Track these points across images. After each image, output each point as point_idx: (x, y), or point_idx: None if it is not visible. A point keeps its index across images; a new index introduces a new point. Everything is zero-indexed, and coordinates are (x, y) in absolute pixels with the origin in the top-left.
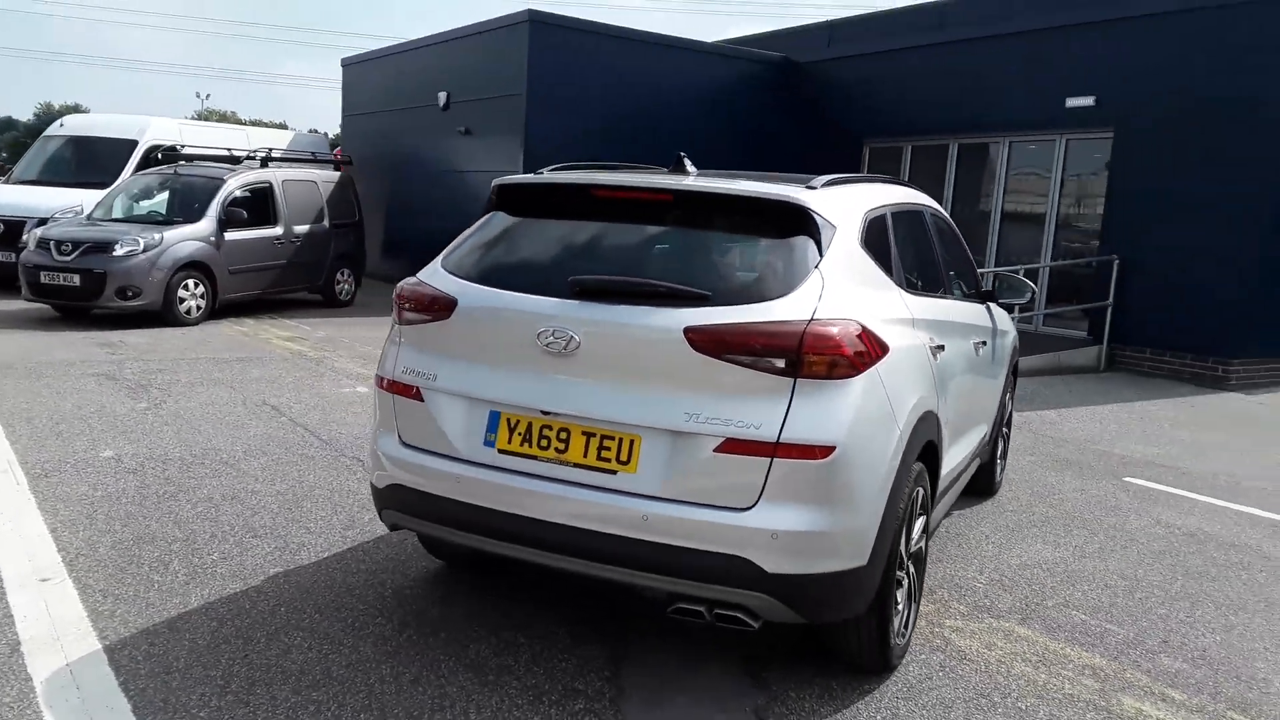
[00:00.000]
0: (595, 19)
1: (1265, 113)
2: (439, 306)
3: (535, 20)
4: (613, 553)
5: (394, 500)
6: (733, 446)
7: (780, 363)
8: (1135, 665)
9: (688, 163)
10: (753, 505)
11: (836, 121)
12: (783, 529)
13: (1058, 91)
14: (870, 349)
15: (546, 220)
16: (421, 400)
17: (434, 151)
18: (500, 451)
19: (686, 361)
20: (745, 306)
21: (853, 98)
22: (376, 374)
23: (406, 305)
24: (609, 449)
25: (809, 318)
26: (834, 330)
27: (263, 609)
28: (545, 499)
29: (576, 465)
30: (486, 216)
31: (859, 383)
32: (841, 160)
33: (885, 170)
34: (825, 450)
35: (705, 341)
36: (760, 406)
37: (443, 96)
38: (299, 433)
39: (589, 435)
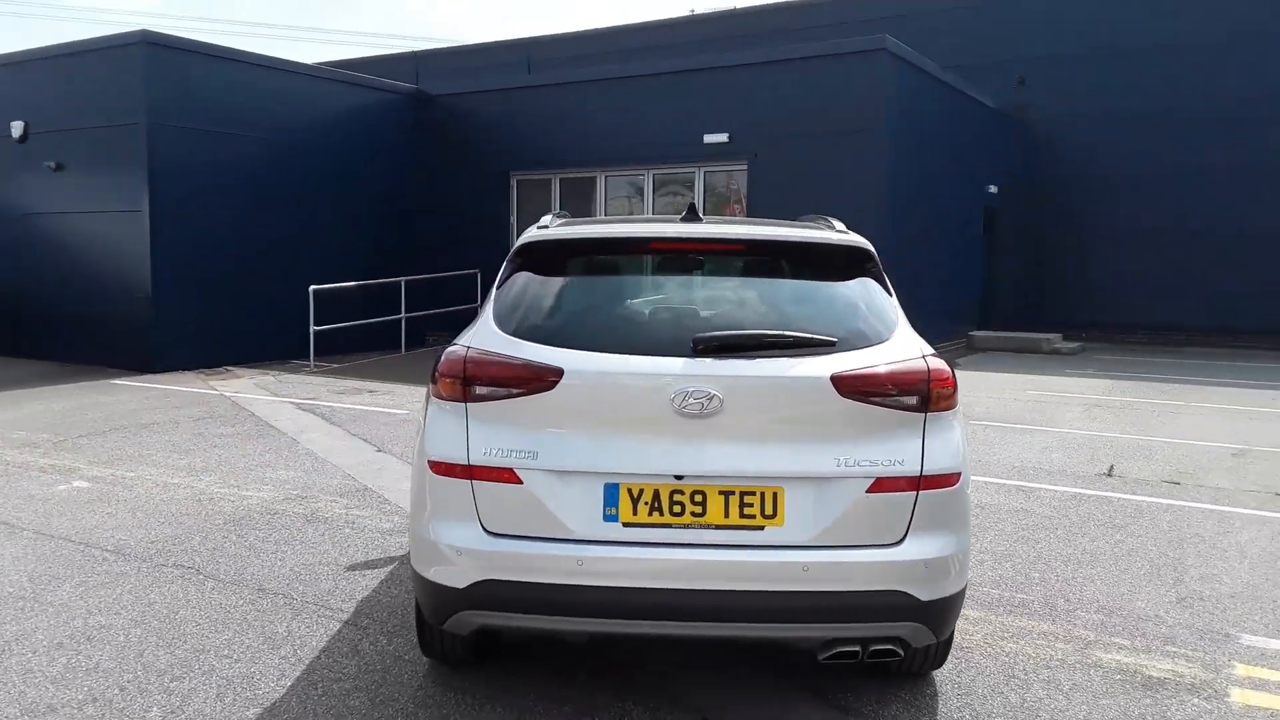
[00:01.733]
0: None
1: (868, 140)
2: (540, 377)
3: (151, 42)
4: (770, 609)
5: (483, 599)
6: (883, 485)
7: (913, 400)
8: (1077, 625)
9: (700, 212)
10: (902, 539)
11: (481, 154)
12: (931, 557)
13: (697, 128)
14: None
15: (608, 276)
16: (520, 483)
17: (8, 191)
18: (625, 525)
19: (833, 408)
20: (869, 350)
21: (496, 132)
22: (429, 460)
23: (485, 380)
24: (751, 505)
25: (921, 354)
26: (944, 366)
27: None
28: (687, 566)
29: (719, 527)
30: (520, 275)
31: (959, 411)
32: (490, 193)
33: (536, 202)
34: (954, 478)
35: (851, 386)
36: (901, 444)
37: (18, 127)
38: (61, 546)
39: (727, 495)
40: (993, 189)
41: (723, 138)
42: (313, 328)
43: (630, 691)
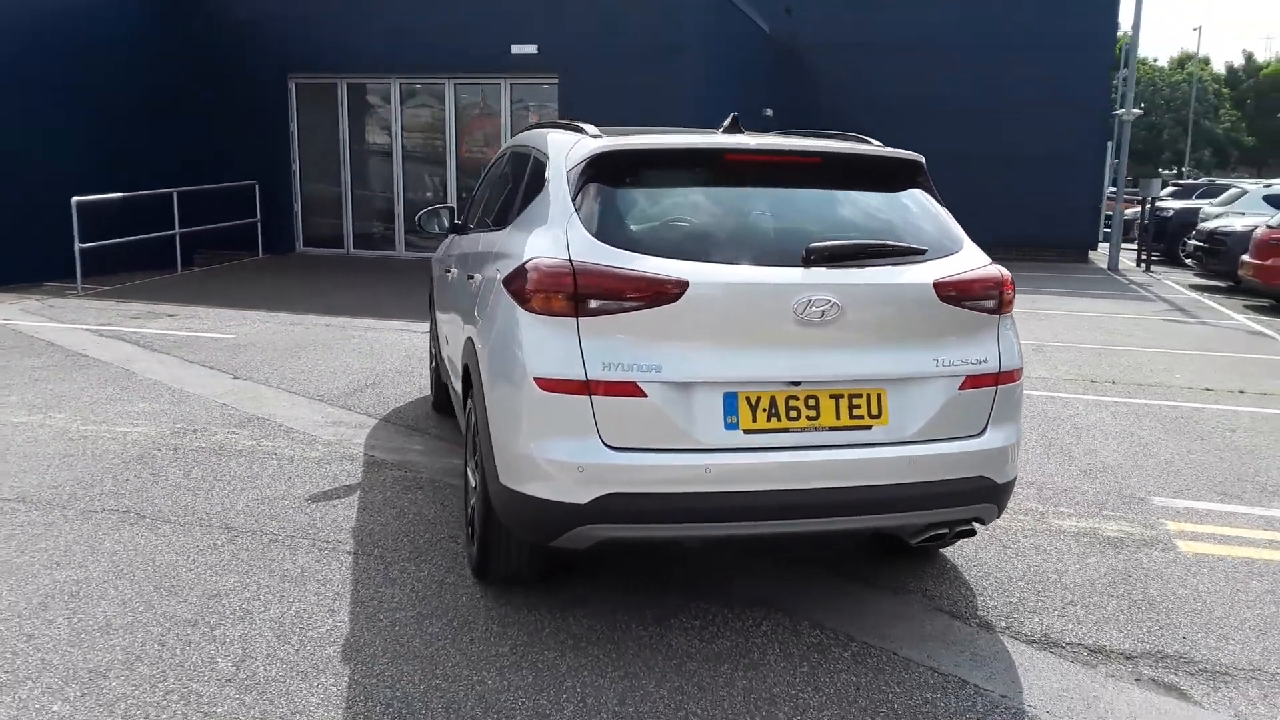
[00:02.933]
0: None
1: (683, 61)
2: (663, 290)
3: None
4: (881, 500)
5: (607, 512)
6: (972, 382)
7: (991, 303)
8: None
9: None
10: (984, 430)
11: (254, 53)
12: (1006, 444)
13: (504, 36)
14: None
15: (691, 188)
16: (644, 396)
17: None
18: (746, 432)
19: (934, 312)
20: (952, 258)
21: (271, 27)
22: (535, 377)
23: (600, 294)
24: (859, 406)
25: (989, 260)
26: (1006, 272)
27: None
28: (805, 468)
29: (831, 429)
30: (596, 185)
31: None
32: (266, 98)
33: (322, 108)
34: (1019, 373)
35: (950, 292)
36: (983, 344)
37: None
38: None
39: (837, 398)
40: (769, 112)
41: (531, 49)
42: (78, 245)
43: (701, 593)
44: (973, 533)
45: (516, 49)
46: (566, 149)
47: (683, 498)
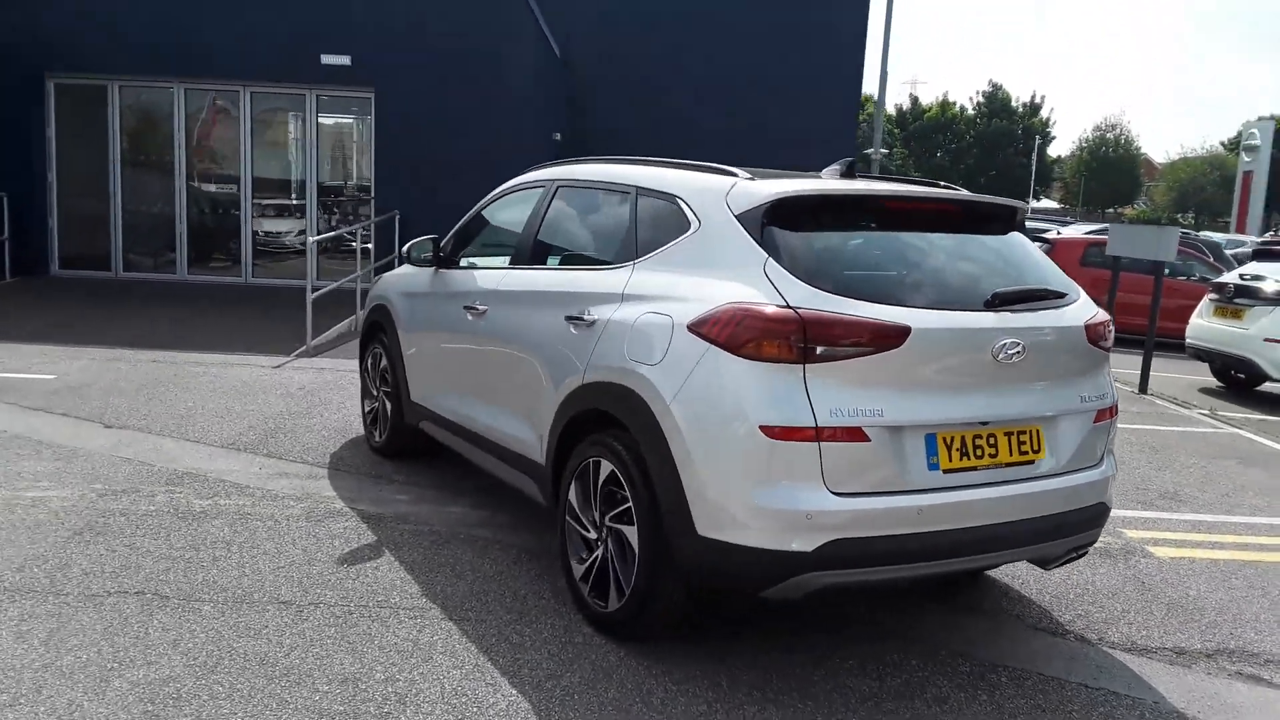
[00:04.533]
0: None
1: (507, 84)
2: (886, 336)
3: None
4: (1047, 529)
5: (832, 559)
6: (1101, 416)
7: (1107, 344)
8: None
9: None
10: (1101, 459)
11: (4, 49)
12: (1113, 473)
13: (311, 46)
14: None
15: (867, 233)
16: (868, 440)
17: None
18: (945, 472)
19: (1082, 351)
20: (1080, 302)
21: (21, 19)
22: (760, 425)
23: (828, 340)
24: (1025, 442)
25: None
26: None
27: None
28: (995, 504)
29: (1007, 465)
30: (782, 230)
31: None
32: (17, 101)
33: (89, 114)
34: (1117, 407)
35: (1093, 333)
36: (1103, 381)
37: None
38: None
39: (1009, 435)
40: (557, 136)
41: (344, 60)
42: None
43: (845, 635)
44: (1084, 554)
45: (327, 59)
46: (724, 191)
47: (898, 539)
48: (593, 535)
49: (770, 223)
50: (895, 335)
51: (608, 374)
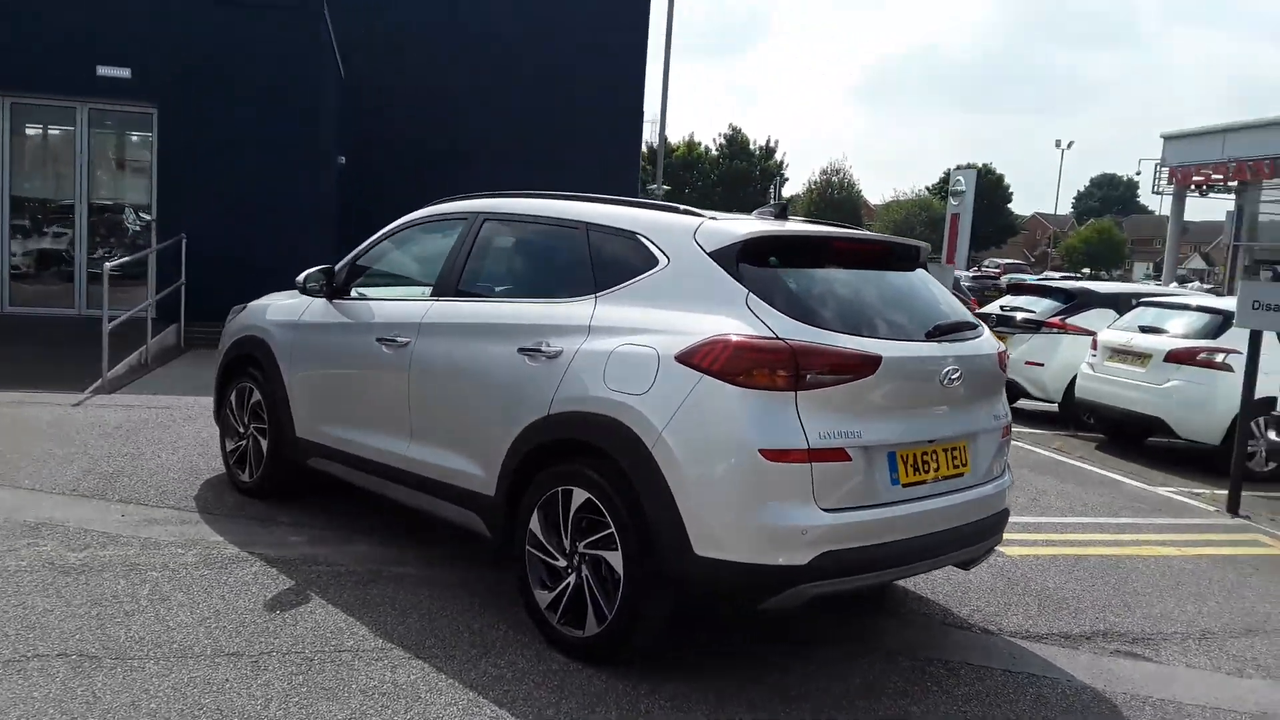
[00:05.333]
0: None
1: (307, 108)
2: (863, 364)
3: None
4: (976, 533)
5: (823, 570)
6: (1005, 432)
7: (1005, 370)
8: None
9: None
10: (1004, 470)
11: None
12: (1011, 482)
13: (85, 57)
14: None
15: (832, 270)
16: (849, 460)
17: None
18: (903, 486)
19: (994, 376)
20: (988, 332)
21: None
22: (760, 449)
23: (816, 368)
24: (956, 457)
25: None
26: None
27: None
28: (935, 513)
29: (944, 478)
30: (765, 269)
31: None
32: None
33: None
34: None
35: (1001, 359)
36: (1003, 402)
37: None
38: None
39: (946, 451)
40: (342, 160)
41: (123, 73)
42: None
43: (797, 642)
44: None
45: (104, 71)
46: (691, 230)
47: (875, 549)
48: (561, 563)
49: (743, 260)
50: (871, 364)
51: (582, 404)
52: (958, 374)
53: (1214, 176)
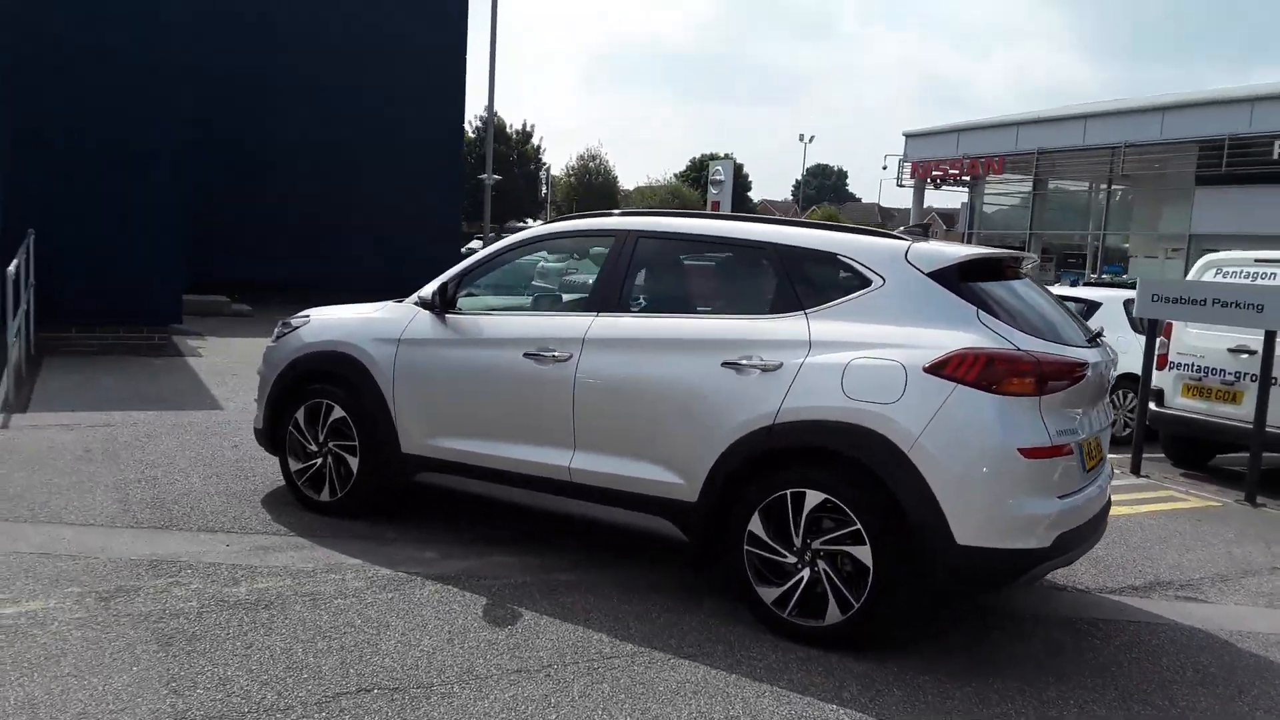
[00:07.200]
0: None
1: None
2: (1079, 372)
3: None
4: (1104, 513)
5: (1058, 549)
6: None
7: None
8: None
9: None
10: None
11: None
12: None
13: None
14: None
15: (998, 285)
16: (1071, 453)
17: None
18: (1085, 472)
19: (1109, 379)
20: None
21: None
22: (1019, 448)
23: (1054, 376)
24: (1098, 449)
25: None
26: None
27: None
28: (1096, 498)
29: (1094, 468)
30: (973, 283)
31: None
32: None
33: None
34: None
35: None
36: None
37: None
38: None
39: (1092, 443)
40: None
41: None
42: None
43: (950, 621)
44: None
45: None
46: (902, 252)
47: (1080, 529)
48: (791, 560)
49: (963, 279)
50: (1083, 369)
51: (816, 413)
52: (1103, 376)
53: (950, 171)
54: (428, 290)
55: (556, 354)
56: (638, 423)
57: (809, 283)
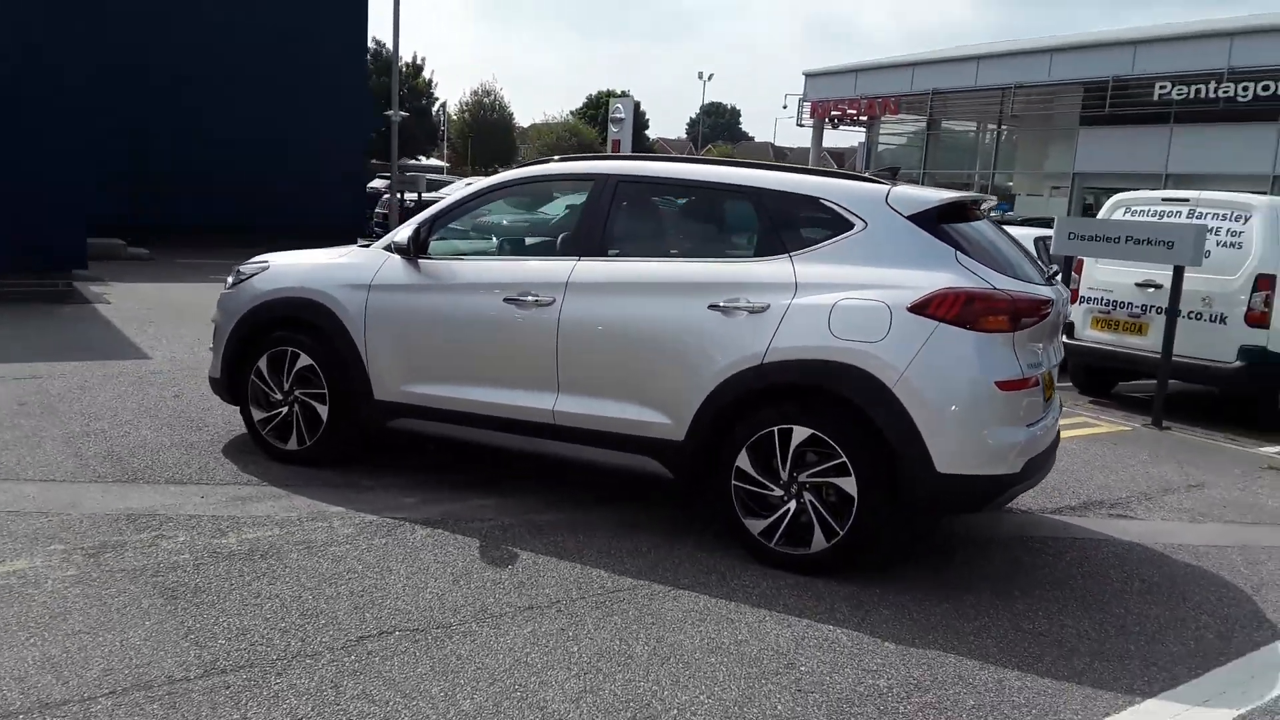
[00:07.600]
0: None
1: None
2: (1045, 309)
3: None
4: (1054, 445)
5: (1025, 474)
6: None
7: None
8: None
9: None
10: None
11: None
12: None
13: None
14: None
15: (967, 227)
16: (1036, 385)
17: None
18: (1045, 401)
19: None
20: None
21: None
22: (996, 381)
23: (1025, 314)
24: (1050, 383)
25: None
26: None
27: None
28: (1051, 428)
29: (1049, 399)
30: (944, 224)
31: None
32: None
33: None
34: None
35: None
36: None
37: None
38: None
39: (1049, 377)
40: None
41: None
42: None
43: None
44: None
45: None
46: (882, 196)
47: (1040, 456)
48: (777, 493)
49: (940, 222)
50: (1048, 305)
51: (805, 352)
52: (1062, 312)
53: (849, 111)
54: (401, 235)
55: (539, 298)
56: (624, 365)
57: (793, 226)
